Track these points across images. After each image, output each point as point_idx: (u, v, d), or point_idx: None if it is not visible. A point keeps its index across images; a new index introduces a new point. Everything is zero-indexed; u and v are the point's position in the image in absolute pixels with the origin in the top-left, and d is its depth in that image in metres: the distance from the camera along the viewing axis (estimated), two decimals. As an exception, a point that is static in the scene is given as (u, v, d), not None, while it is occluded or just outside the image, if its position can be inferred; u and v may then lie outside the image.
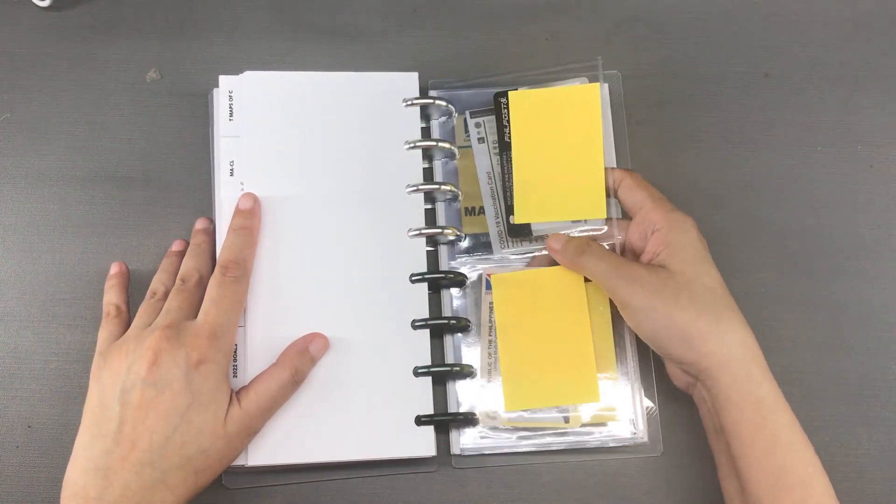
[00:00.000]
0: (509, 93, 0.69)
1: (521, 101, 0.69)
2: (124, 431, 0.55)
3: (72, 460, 0.56)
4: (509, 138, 0.68)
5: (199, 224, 0.67)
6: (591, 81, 0.69)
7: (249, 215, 0.64)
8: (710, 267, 0.60)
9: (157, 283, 0.65)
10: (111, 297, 0.65)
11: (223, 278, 0.61)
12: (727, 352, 0.57)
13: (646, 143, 0.72)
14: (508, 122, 0.69)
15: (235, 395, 0.59)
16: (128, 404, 0.56)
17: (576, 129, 0.68)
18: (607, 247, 0.65)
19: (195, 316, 0.60)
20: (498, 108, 0.69)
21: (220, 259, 0.62)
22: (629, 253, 0.66)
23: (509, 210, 0.68)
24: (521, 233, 0.68)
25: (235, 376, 0.62)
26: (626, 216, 0.67)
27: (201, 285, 0.62)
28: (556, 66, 0.71)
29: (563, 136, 0.68)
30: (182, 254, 0.66)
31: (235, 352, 0.62)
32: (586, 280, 0.66)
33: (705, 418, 0.61)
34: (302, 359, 0.62)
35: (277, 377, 0.61)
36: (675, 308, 0.58)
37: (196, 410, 0.56)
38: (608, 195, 0.66)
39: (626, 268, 0.61)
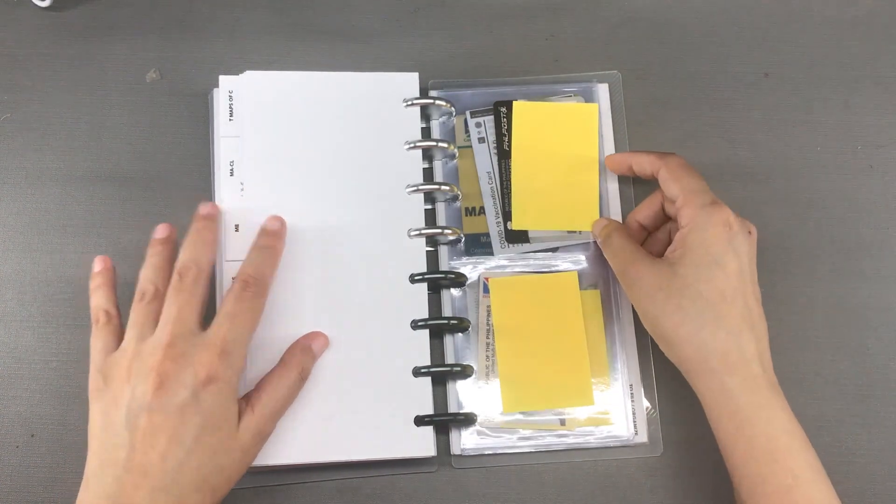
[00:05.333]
0: (514, 103, 0.70)
1: (524, 112, 0.70)
2: (135, 458, 0.53)
3: (83, 487, 0.54)
4: (508, 146, 0.69)
5: (204, 209, 0.63)
6: (588, 96, 0.71)
7: (275, 237, 0.63)
8: (717, 271, 0.58)
9: (145, 282, 0.60)
10: (99, 300, 0.61)
11: (242, 293, 0.58)
12: (702, 361, 0.58)
13: (646, 143, 0.72)
14: (508, 130, 0.69)
15: (245, 401, 0.58)
16: (136, 429, 0.53)
17: (574, 144, 0.70)
18: None
19: (198, 318, 0.57)
20: (497, 116, 0.70)
21: (241, 273, 0.59)
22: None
23: (507, 216, 0.68)
24: (518, 238, 0.68)
25: (235, 376, 0.62)
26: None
27: (200, 281, 0.59)
28: (556, 73, 0.73)
29: (562, 150, 0.69)
30: (169, 242, 0.62)
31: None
32: (583, 288, 0.68)
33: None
34: (306, 356, 0.61)
35: (287, 377, 0.60)
36: (662, 314, 0.59)
37: (208, 431, 0.54)
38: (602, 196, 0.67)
39: (631, 269, 0.62)
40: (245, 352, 0.58)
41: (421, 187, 0.67)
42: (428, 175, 0.69)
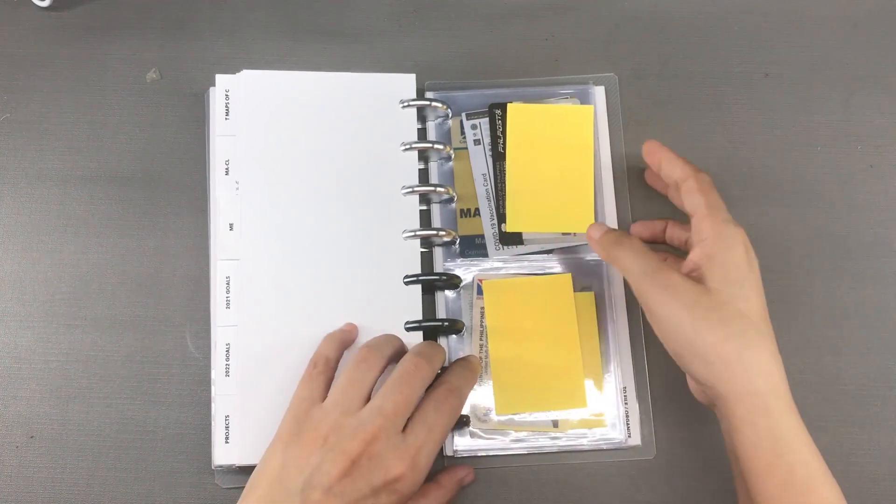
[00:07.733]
0: (508, 105, 0.70)
1: (519, 114, 0.70)
2: None
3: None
4: (503, 148, 0.69)
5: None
6: (584, 98, 0.71)
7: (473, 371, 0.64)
8: (749, 291, 0.56)
9: (371, 351, 0.59)
10: (328, 347, 0.61)
11: (444, 402, 0.58)
12: (747, 382, 0.54)
13: (645, 144, 0.72)
14: (503, 132, 0.69)
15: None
16: (307, 502, 0.53)
17: (569, 146, 0.70)
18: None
19: (408, 414, 0.57)
20: (492, 118, 0.70)
21: (445, 382, 0.60)
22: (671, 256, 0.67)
23: (501, 218, 0.68)
24: (513, 240, 0.68)
25: (228, 375, 0.63)
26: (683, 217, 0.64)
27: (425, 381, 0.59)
28: (556, 73, 0.73)
29: (557, 152, 0.69)
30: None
31: (228, 351, 0.63)
32: (576, 290, 0.67)
33: (726, 438, 0.58)
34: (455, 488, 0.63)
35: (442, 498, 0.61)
36: (704, 327, 0.55)
37: None
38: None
39: (662, 273, 0.57)
40: (431, 462, 0.57)
41: (416, 188, 0.67)
42: (423, 176, 0.69)
